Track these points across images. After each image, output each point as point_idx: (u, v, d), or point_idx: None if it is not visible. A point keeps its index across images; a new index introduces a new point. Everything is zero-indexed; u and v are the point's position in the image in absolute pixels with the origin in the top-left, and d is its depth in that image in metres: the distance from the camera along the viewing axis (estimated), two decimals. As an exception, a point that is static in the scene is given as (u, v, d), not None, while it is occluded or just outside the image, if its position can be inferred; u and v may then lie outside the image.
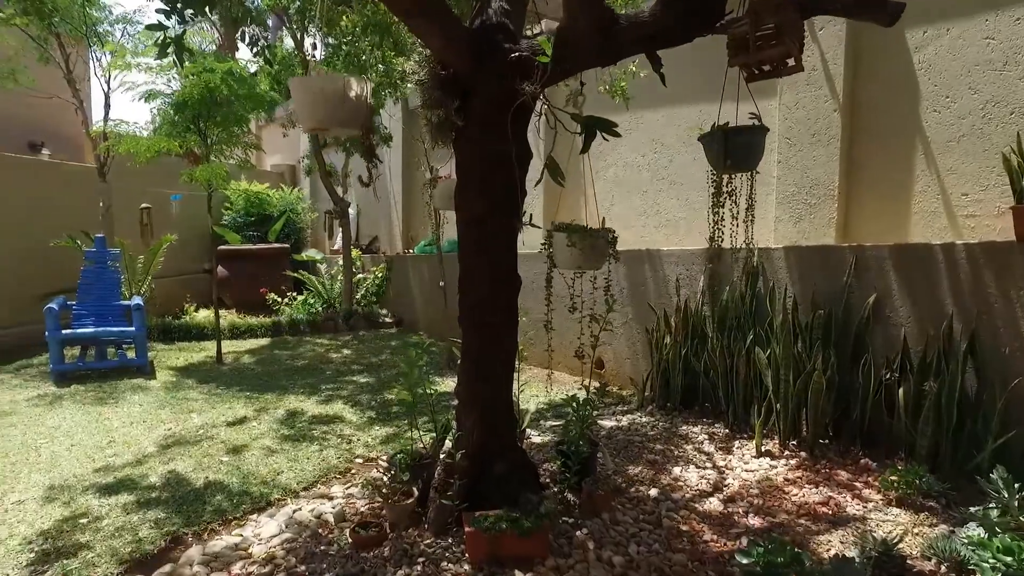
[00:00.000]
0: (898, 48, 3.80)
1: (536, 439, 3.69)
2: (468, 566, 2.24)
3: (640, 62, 3.91)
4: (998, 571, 1.94)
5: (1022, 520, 2.18)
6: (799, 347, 3.42)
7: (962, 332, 3.04)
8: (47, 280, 6.57)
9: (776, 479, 3.06)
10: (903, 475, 2.78)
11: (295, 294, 8.32)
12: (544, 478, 2.91)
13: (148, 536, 2.62)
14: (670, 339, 4.14)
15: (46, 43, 6.81)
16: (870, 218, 3.99)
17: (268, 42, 6.18)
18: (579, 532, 2.48)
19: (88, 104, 8.29)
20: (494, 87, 2.36)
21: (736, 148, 2.77)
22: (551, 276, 2.71)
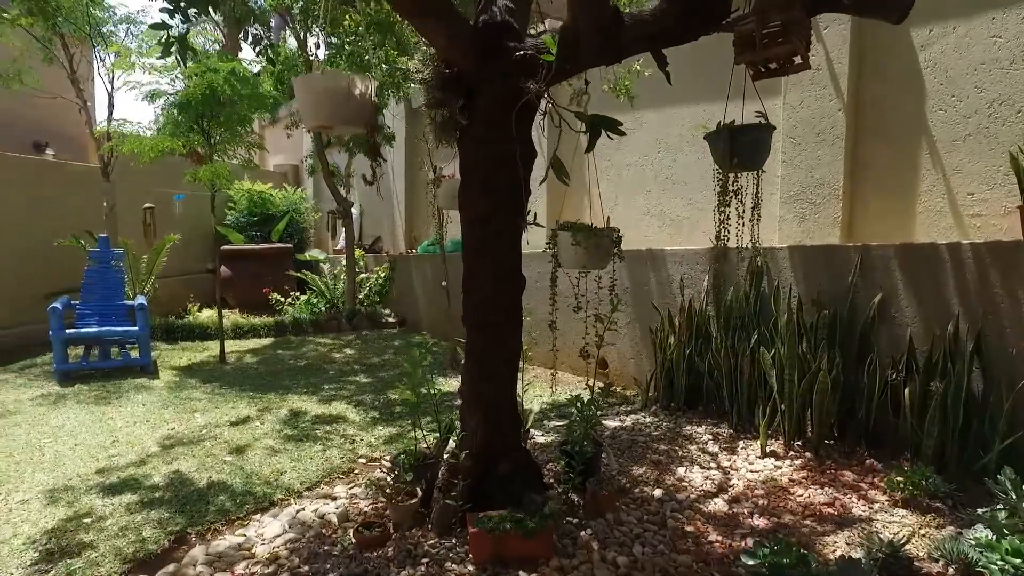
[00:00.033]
0: (903, 46, 3.78)
1: (540, 439, 3.68)
2: (472, 566, 2.24)
3: (644, 61, 3.91)
4: (1007, 573, 1.92)
5: (1030, 521, 2.16)
6: (804, 347, 3.40)
7: (968, 332, 3.02)
8: (50, 280, 6.59)
9: (781, 480, 3.05)
10: (909, 476, 2.76)
11: (298, 294, 8.32)
12: (548, 478, 2.90)
13: (152, 536, 2.62)
14: (674, 339, 4.13)
15: (50, 43, 6.84)
16: (875, 218, 3.97)
17: (271, 42, 6.20)
18: (583, 532, 2.47)
19: (92, 104, 8.35)
20: (498, 86, 2.35)
21: (742, 146, 2.77)
22: (556, 275, 2.70)
